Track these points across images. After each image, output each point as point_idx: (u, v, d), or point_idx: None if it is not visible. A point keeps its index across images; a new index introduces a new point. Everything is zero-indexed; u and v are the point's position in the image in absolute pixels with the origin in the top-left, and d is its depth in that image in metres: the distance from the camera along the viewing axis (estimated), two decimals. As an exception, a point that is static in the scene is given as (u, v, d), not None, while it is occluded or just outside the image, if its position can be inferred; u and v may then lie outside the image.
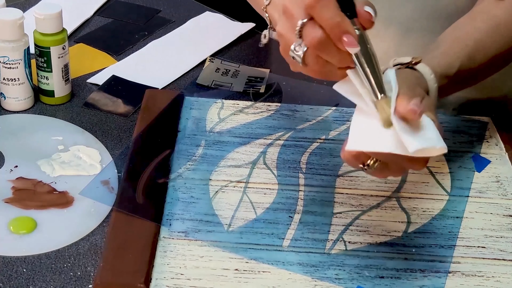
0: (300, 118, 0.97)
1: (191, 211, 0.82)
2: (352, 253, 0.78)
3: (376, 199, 0.85)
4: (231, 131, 0.94)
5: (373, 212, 0.83)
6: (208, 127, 0.95)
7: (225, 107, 0.99)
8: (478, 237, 0.81)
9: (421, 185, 0.87)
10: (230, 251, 0.77)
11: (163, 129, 0.94)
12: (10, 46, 0.96)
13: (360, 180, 0.88)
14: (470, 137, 0.95)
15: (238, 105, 0.99)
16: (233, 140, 0.93)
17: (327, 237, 0.80)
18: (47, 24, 0.97)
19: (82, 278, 0.75)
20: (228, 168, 0.88)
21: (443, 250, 0.79)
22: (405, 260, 0.77)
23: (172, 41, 1.16)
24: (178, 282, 0.74)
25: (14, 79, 0.97)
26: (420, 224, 0.82)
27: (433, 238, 0.80)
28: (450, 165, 0.91)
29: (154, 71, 1.08)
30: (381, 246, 0.79)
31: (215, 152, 0.91)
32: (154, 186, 0.85)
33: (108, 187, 0.85)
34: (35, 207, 0.83)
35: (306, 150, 0.92)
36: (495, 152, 0.93)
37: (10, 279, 0.75)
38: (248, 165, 0.89)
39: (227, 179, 0.86)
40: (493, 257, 0.78)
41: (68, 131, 0.95)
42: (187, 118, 0.96)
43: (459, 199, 0.86)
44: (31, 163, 0.89)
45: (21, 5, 1.20)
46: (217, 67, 1.10)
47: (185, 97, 1.00)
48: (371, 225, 0.81)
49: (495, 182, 0.88)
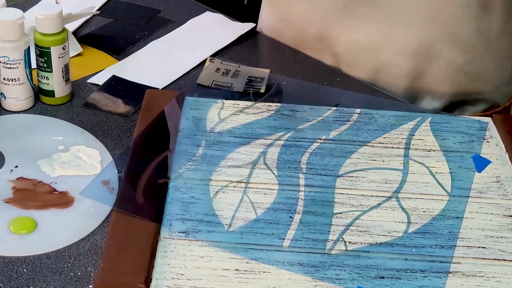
0: (301, 118, 0.97)
1: (191, 211, 0.82)
2: (352, 253, 0.78)
3: (376, 199, 0.85)
4: (232, 131, 0.94)
5: (373, 212, 0.83)
6: (209, 127, 0.95)
7: (226, 107, 0.99)
8: (478, 238, 0.81)
9: (421, 185, 0.87)
10: (230, 251, 0.77)
11: (163, 129, 0.94)
12: (10, 46, 0.96)
13: (360, 180, 0.88)
14: (470, 137, 0.95)
15: (239, 105, 0.99)
16: (233, 140, 0.93)
17: (328, 237, 0.80)
18: (47, 24, 0.97)
19: (82, 278, 0.75)
20: (229, 168, 0.88)
21: (444, 250, 0.79)
22: (405, 260, 0.77)
23: (172, 41, 1.16)
24: (178, 282, 0.74)
25: (14, 79, 0.97)
26: (420, 224, 0.82)
27: (433, 238, 0.80)
28: (450, 165, 0.91)
29: (154, 71, 1.08)
30: (381, 246, 0.79)
31: (215, 152, 0.91)
32: (155, 186, 0.85)
33: (108, 187, 0.85)
34: (35, 207, 0.83)
35: (307, 150, 0.92)
36: (496, 152, 0.93)
37: (10, 279, 0.75)
38: (249, 165, 0.89)
39: (228, 179, 0.86)
40: (493, 258, 0.78)
41: (68, 131, 0.95)
42: (187, 118, 0.96)
43: (459, 199, 0.86)
44: (31, 163, 0.89)
45: (21, 5, 1.20)
46: (217, 67, 1.10)
47: (186, 97, 1.00)
48: (371, 225, 0.81)
49: (496, 182, 0.88)
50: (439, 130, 0.96)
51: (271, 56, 1.16)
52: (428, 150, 0.93)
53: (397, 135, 0.95)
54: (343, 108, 0.99)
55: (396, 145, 0.94)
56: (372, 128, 0.96)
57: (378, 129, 0.96)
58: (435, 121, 0.98)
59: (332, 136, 0.95)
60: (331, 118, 0.98)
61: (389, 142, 0.94)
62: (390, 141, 0.94)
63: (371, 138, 0.94)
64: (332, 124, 0.97)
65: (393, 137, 0.95)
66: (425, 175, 0.89)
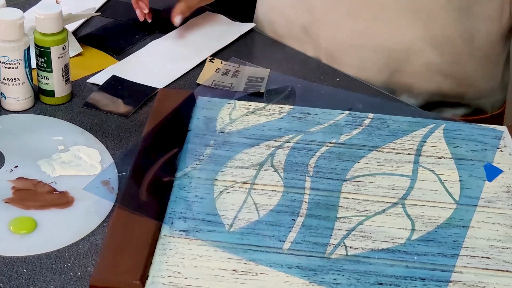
0: (312, 121, 0.97)
1: (194, 210, 0.82)
2: (352, 258, 0.77)
3: (382, 205, 0.84)
4: (241, 132, 0.94)
5: (377, 218, 0.82)
6: (219, 127, 0.95)
7: (237, 108, 0.99)
8: (483, 247, 0.79)
9: (429, 193, 0.86)
10: (229, 251, 0.77)
11: (174, 128, 0.94)
12: (10, 46, 0.96)
13: (367, 185, 0.87)
14: (483, 146, 0.94)
15: (251, 106, 0.99)
16: (242, 141, 0.92)
17: (329, 241, 0.79)
18: (47, 24, 0.97)
19: (82, 278, 0.76)
20: (235, 169, 0.88)
21: (446, 259, 0.77)
22: (406, 267, 0.76)
23: (172, 41, 1.16)
24: (174, 280, 0.73)
25: (14, 79, 0.97)
26: (425, 232, 0.81)
27: (436, 246, 0.79)
28: (460, 173, 0.89)
29: (154, 71, 1.08)
30: (382, 253, 0.78)
31: (223, 153, 0.90)
32: (159, 184, 0.85)
33: (108, 187, 0.85)
34: (35, 207, 0.83)
35: (315, 154, 0.91)
36: (508, 162, 0.92)
37: (10, 279, 0.75)
38: (255, 166, 0.88)
39: (233, 180, 0.86)
40: (496, 268, 0.77)
41: (68, 131, 0.95)
42: (198, 117, 0.96)
43: (466, 208, 0.84)
44: (31, 163, 0.89)
45: (21, 5, 1.20)
46: (217, 67, 1.10)
47: (199, 97, 1.00)
48: (374, 231, 0.80)
49: (506, 192, 0.87)
50: (452, 137, 0.95)
51: (271, 56, 1.16)
52: (439, 157, 0.92)
53: (408, 141, 0.94)
54: (356, 113, 0.98)
55: (406, 151, 0.92)
56: (384, 134, 0.95)
57: (389, 134, 0.95)
58: (449, 128, 0.97)
59: (343, 140, 0.94)
60: (343, 122, 0.97)
61: (400, 148, 0.93)
62: (401, 147, 0.93)
63: (382, 143, 0.94)
64: (343, 128, 0.96)
65: (404, 143, 0.94)
66: (434, 182, 0.88)
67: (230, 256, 0.76)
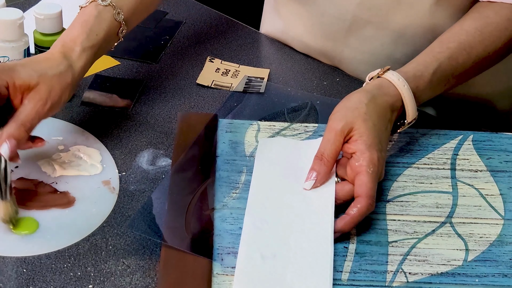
0: (340, 139, 0.94)
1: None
2: (414, 285, 0.75)
3: (430, 225, 0.82)
4: (272, 155, 0.91)
5: (429, 240, 0.80)
6: (248, 152, 0.91)
7: (262, 129, 0.95)
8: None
9: (473, 209, 0.85)
10: (288, 286, 0.74)
11: (202, 155, 0.90)
12: (10, 46, 0.95)
13: (410, 205, 0.85)
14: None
15: (275, 127, 0.96)
16: (275, 165, 0.89)
17: (386, 268, 0.77)
18: (47, 24, 0.96)
19: (82, 278, 0.75)
20: (274, 196, 0.85)
21: (507, 279, 0.76)
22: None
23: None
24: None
25: None
26: (479, 252, 0.79)
27: (494, 266, 0.78)
28: (499, 187, 0.88)
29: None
30: (442, 277, 0.76)
31: (258, 179, 0.87)
32: (200, 218, 0.81)
33: (109, 187, 0.84)
34: (36, 208, 0.82)
35: (351, 174, 0.89)
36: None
37: (10, 279, 0.74)
38: (294, 191, 0.86)
39: (275, 208, 0.83)
40: (558, 285, 0.76)
41: (68, 131, 0.94)
42: (224, 142, 0.93)
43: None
44: (32, 163, 0.88)
45: (21, 5, 1.18)
46: (217, 67, 1.08)
47: (219, 120, 0.96)
48: (429, 254, 0.79)
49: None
50: (482, 148, 0.94)
51: (271, 56, 1.14)
52: (475, 170, 0.90)
53: (441, 155, 0.92)
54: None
55: (441, 165, 0.91)
56: (415, 149, 0.93)
57: (421, 149, 0.93)
58: (477, 139, 0.96)
59: (375, 158, 0.91)
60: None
61: (434, 163, 0.91)
62: (435, 161, 0.91)
63: (415, 159, 0.92)
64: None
65: (437, 157, 0.92)
66: (476, 197, 0.86)
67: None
